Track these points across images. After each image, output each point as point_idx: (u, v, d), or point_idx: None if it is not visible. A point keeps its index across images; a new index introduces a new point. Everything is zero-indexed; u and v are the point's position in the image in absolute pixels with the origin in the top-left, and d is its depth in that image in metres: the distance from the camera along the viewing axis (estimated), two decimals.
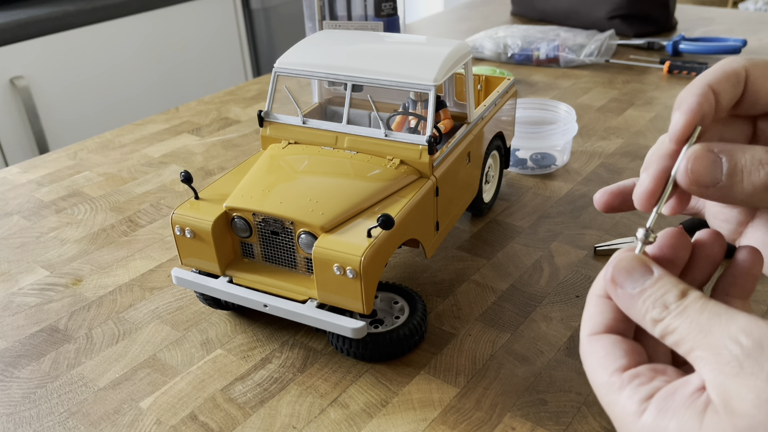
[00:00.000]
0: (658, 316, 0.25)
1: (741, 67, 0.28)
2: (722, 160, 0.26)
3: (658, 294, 0.26)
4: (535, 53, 1.12)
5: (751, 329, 0.23)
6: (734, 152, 0.26)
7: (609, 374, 0.26)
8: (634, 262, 0.27)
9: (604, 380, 0.26)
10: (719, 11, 1.42)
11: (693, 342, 0.24)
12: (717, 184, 0.26)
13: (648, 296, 0.26)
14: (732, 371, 0.23)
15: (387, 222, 0.44)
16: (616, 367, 0.26)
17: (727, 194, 0.26)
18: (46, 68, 1.59)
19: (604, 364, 0.27)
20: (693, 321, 0.24)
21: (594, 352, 0.27)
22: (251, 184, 0.51)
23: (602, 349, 0.27)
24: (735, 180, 0.26)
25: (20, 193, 0.78)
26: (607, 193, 0.33)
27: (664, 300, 0.25)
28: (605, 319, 0.28)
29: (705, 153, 0.26)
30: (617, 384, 0.26)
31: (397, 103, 0.64)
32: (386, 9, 0.78)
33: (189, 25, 1.86)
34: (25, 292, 0.60)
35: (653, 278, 0.26)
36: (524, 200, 0.71)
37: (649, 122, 0.89)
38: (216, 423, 0.45)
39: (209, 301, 0.54)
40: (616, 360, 0.27)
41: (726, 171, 0.26)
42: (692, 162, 0.27)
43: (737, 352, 0.23)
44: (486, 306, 0.55)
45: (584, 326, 0.28)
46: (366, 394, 0.47)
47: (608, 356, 0.27)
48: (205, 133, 0.92)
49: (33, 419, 0.46)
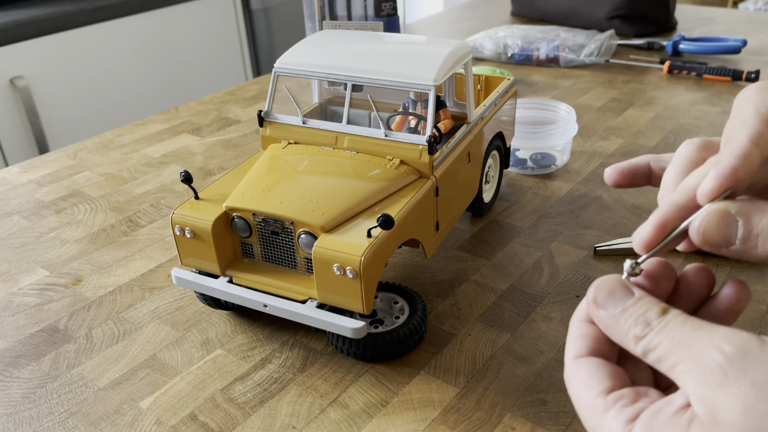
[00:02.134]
0: (640, 333, 0.25)
1: None
2: (738, 223, 0.25)
3: (640, 312, 0.26)
4: (535, 53, 1.12)
5: (733, 338, 0.23)
6: (751, 216, 0.25)
7: (594, 396, 0.26)
8: (616, 284, 0.27)
9: (589, 402, 0.26)
10: (719, 11, 1.42)
11: (676, 356, 0.24)
12: (730, 246, 0.26)
13: (630, 315, 0.26)
14: (716, 380, 0.22)
15: (387, 222, 0.44)
16: (600, 389, 0.26)
17: (741, 255, 0.26)
18: (46, 68, 1.59)
19: (588, 386, 0.27)
20: (675, 335, 0.24)
21: (579, 374, 0.27)
22: (251, 184, 0.51)
23: (587, 371, 0.27)
24: (749, 245, 0.25)
25: (20, 193, 0.78)
26: (617, 171, 0.32)
27: (645, 317, 0.26)
28: (589, 343, 0.28)
29: (722, 217, 0.26)
30: (602, 406, 0.26)
31: (397, 103, 0.64)
32: (386, 9, 0.78)
33: (189, 25, 1.86)
34: (25, 292, 0.60)
35: (634, 298, 0.26)
36: (524, 200, 0.71)
37: (649, 122, 0.89)
38: (216, 423, 0.45)
39: (209, 301, 0.54)
40: (600, 382, 0.27)
41: (741, 236, 0.26)
42: (706, 224, 0.26)
43: (720, 360, 0.23)
44: (486, 306, 0.55)
45: (569, 350, 0.29)
46: (366, 394, 0.47)
47: (593, 378, 0.27)
48: (205, 133, 0.92)
49: (33, 419, 0.46)
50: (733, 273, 0.57)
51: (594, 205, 0.69)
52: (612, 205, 0.69)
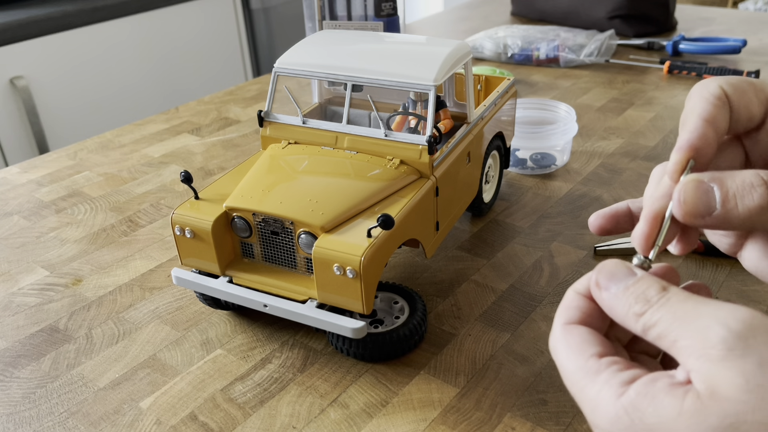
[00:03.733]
0: (640, 310, 0.25)
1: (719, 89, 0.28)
2: (714, 188, 0.27)
3: (641, 290, 0.26)
4: (535, 53, 1.12)
5: (741, 314, 0.23)
6: (724, 179, 0.27)
7: (585, 359, 0.26)
8: (619, 265, 0.27)
9: (579, 364, 0.26)
10: (719, 11, 1.42)
11: (677, 332, 0.24)
12: (712, 212, 0.27)
13: (631, 293, 0.26)
14: (719, 354, 0.22)
15: (387, 222, 0.44)
16: (593, 352, 0.26)
17: (725, 221, 0.27)
18: (46, 68, 1.59)
19: (580, 349, 0.26)
20: (677, 311, 0.24)
21: (568, 339, 0.27)
22: (251, 184, 0.51)
23: (578, 336, 0.27)
24: (729, 206, 0.26)
25: (20, 193, 0.78)
26: (600, 217, 0.33)
27: (646, 294, 0.26)
28: (581, 314, 0.28)
29: (696, 183, 0.27)
30: (594, 368, 0.25)
31: (397, 103, 0.64)
32: (386, 9, 0.78)
33: (189, 25, 1.86)
34: (25, 292, 0.60)
35: (636, 278, 0.26)
36: (524, 200, 0.71)
37: (649, 122, 0.89)
38: (216, 423, 0.45)
39: (209, 301, 0.54)
40: (592, 346, 0.26)
41: (719, 199, 0.26)
42: (684, 193, 0.27)
43: (725, 334, 0.22)
44: (486, 306, 0.55)
45: (559, 316, 0.28)
46: (366, 394, 0.47)
47: (584, 343, 0.26)
48: (205, 133, 0.92)
49: (33, 419, 0.46)
50: (734, 273, 0.57)
51: (594, 205, 0.69)
52: None
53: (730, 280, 0.57)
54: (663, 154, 0.79)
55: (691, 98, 0.29)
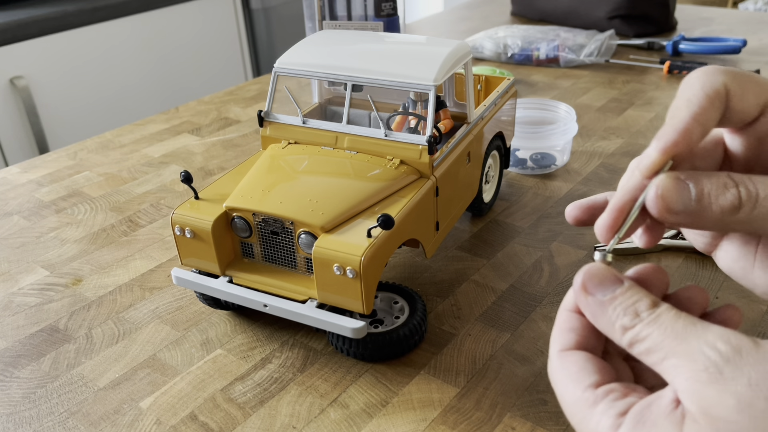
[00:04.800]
0: (628, 323, 0.25)
1: (722, 86, 0.27)
2: (690, 186, 0.27)
3: (629, 302, 0.26)
4: (535, 53, 1.12)
5: (728, 337, 0.23)
6: (700, 178, 0.27)
7: (582, 390, 0.26)
8: (605, 271, 0.27)
9: (577, 396, 0.26)
10: (719, 11, 1.42)
11: (667, 350, 0.24)
12: (687, 209, 0.27)
13: (618, 303, 0.26)
14: (709, 378, 0.22)
15: (387, 222, 0.44)
16: (589, 382, 0.26)
17: (698, 219, 0.27)
18: (46, 68, 1.59)
19: (576, 379, 0.26)
20: (667, 329, 0.24)
21: (566, 368, 0.27)
22: (251, 184, 0.51)
23: (574, 365, 0.27)
24: (703, 204, 0.26)
25: (20, 193, 0.78)
26: (576, 207, 0.33)
27: (635, 308, 0.25)
28: (576, 336, 0.28)
29: (674, 180, 0.27)
30: (591, 399, 0.25)
31: (397, 103, 0.64)
32: (386, 9, 0.78)
33: (189, 25, 1.86)
34: (25, 292, 0.60)
35: (624, 287, 0.26)
36: (524, 200, 0.71)
37: (649, 122, 0.89)
38: (216, 423, 0.45)
39: (209, 301, 0.54)
40: (589, 375, 0.26)
41: (694, 196, 0.26)
42: (662, 189, 0.27)
43: (715, 358, 0.23)
44: (486, 306, 0.55)
45: (554, 342, 0.28)
46: (366, 394, 0.47)
47: (581, 371, 0.26)
48: (205, 133, 0.92)
49: (33, 419, 0.46)
50: None
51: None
52: None
53: (730, 280, 0.57)
54: None
55: (690, 86, 0.28)
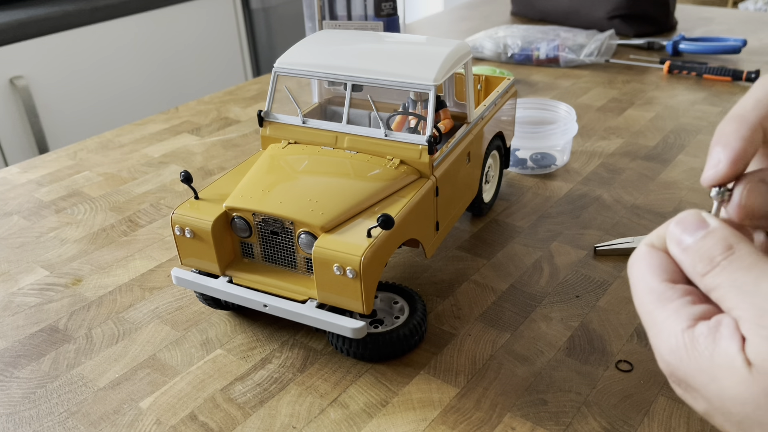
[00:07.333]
0: (703, 270, 0.25)
1: None
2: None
3: (706, 248, 0.25)
4: (535, 53, 1.12)
5: None
6: None
7: (660, 281, 0.25)
8: (692, 216, 0.27)
9: (653, 286, 0.26)
10: (719, 11, 1.42)
11: (734, 301, 0.24)
12: None
13: (697, 249, 0.26)
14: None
15: (387, 222, 0.44)
16: (668, 277, 0.26)
17: None
18: (46, 68, 1.59)
19: (657, 271, 0.26)
20: (737, 279, 0.24)
21: (648, 260, 0.27)
22: (251, 184, 0.51)
23: (659, 260, 0.26)
24: None
25: (20, 193, 0.78)
26: None
27: (710, 253, 0.25)
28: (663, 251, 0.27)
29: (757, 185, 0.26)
30: (667, 294, 0.25)
31: (397, 103, 0.64)
32: (386, 9, 0.78)
33: (189, 25, 1.86)
34: (25, 292, 0.60)
35: (706, 231, 0.26)
36: (524, 200, 0.71)
37: (649, 122, 0.89)
38: (216, 423, 0.45)
39: (209, 301, 0.54)
40: (669, 273, 0.26)
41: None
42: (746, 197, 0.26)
43: None
44: (486, 306, 0.55)
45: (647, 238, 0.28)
46: (366, 394, 0.47)
47: (663, 265, 0.26)
48: (204, 133, 0.92)
49: (33, 419, 0.46)
50: None
51: (594, 205, 0.69)
52: (612, 205, 0.69)
53: None
54: (663, 153, 0.79)
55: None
